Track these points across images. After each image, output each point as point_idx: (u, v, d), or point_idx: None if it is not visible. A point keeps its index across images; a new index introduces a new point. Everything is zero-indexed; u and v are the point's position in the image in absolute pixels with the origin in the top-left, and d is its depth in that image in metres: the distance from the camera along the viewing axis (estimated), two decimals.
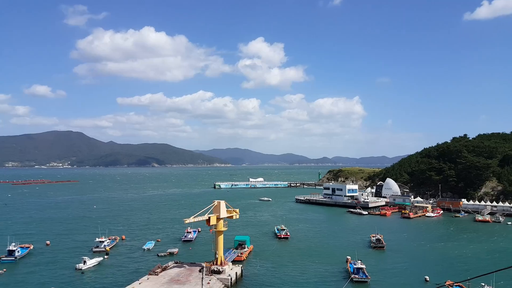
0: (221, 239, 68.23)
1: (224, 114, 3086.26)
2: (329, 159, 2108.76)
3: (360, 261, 68.44)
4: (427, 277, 65.77)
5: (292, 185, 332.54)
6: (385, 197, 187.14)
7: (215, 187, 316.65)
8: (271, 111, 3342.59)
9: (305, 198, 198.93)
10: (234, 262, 72.86)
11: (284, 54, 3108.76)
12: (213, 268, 64.66)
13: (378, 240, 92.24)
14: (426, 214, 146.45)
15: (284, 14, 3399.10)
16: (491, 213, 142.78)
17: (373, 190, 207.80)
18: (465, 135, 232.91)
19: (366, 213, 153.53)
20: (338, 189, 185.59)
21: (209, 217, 66.60)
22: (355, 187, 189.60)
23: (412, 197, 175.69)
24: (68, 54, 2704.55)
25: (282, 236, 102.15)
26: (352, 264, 69.18)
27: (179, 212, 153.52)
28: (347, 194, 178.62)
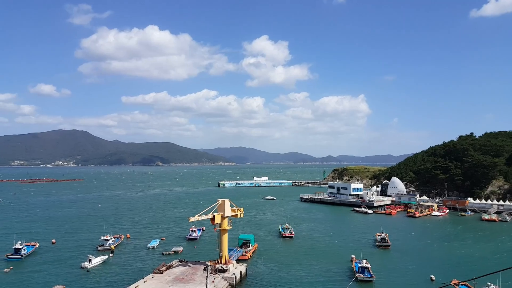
0: (225, 237, 68.17)
1: (228, 113, 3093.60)
2: (334, 157, 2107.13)
3: (365, 260, 68.14)
4: (432, 276, 65.37)
5: (296, 184, 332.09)
6: (390, 196, 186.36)
7: (219, 186, 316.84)
8: (275, 109, 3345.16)
9: (309, 197, 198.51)
10: (238, 261, 72.74)
11: (288, 52, 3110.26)
12: (217, 267, 64.61)
13: (384, 239, 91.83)
14: (432, 213, 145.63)
15: (288, 12, 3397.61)
16: (498, 212, 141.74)
17: (379, 189, 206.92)
18: (471, 133, 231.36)
19: (371, 212, 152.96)
20: (343, 188, 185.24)
21: (214, 216, 66.49)
22: (360, 186, 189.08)
23: (418, 196, 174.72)
24: (73, 53, 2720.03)
25: (286, 235, 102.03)
26: (357, 263, 68.89)
27: (183, 211, 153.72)
28: (352, 193, 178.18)
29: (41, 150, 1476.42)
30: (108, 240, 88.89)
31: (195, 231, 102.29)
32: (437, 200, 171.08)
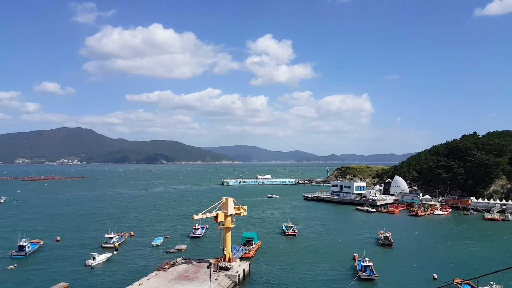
0: (229, 235, 68.52)
1: (232, 111, 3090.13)
2: (337, 156, 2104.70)
3: (368, 259, 68.38)
4: (435, 275, 65.52)
5: (300, 182, 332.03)
6: (393, 194, 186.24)
7: (223, 184, 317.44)
8: (279, 108, 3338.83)
9: (313, 196, 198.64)
10: (242, 259, 73.12)
11: (292, 51, 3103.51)
12: (221, 265, 65.00)
13: (386, 237, 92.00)
14: (435, 212, 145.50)
15: (292, 11, 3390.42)
16: (501, 212, 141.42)
17: (381, 188, 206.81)
18: (474, 132, 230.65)
19: (374, 210, 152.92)
20: (346, 186, 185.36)
21: (217, 214, 66.84)
22: (363, 184, 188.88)
23: (421, 195, 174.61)
24: (77, 52, 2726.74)
25: (289, 233, 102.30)
26: (360, 262, 69.06)
27: (187, 209, 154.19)
28: (355, 192, 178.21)
29: (46, 148, 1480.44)
30: (112, 237, 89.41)
31: (198, 229, 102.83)
32: (439, 199, 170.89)
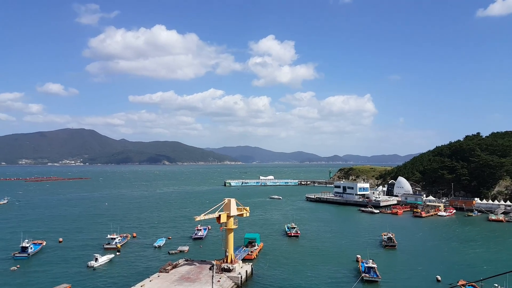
0: (231, 237, 68.20)
1: (234, 112, 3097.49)
2: (340, 157, 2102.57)
3: (372, 260, 67.90)
4: (439, 277, 64.98)
5: (302, 183, 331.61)
6: (396, 195, 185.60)
7: (225, 185, 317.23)
8: (281, 109, 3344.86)
9: (315, 197, 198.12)
10: (244, 260, 72.76)
11: (294, 51, 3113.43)
12: (223, 266, 64.68)
13: (390, 239, 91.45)
14: (439, 213, 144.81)
15: (294, 11, 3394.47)
16: (505, 213, 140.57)
17: (385, 189, 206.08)
18: (478, 133, 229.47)
19: (378, 211, 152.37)
20: (349, 187, 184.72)
21: (220, 215, 66.64)
22: (366, 185, 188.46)
23: (424, 196, 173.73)
24: (81, 53, 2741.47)
25: (292, 235, 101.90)
26: (364, 263, 68.65)
27: (189, 210, 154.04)
28: (358, 193, 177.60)
29: (49, 149, 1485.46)
30: (114, 239, 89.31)
31: (201, 230, 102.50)
32: (443, 200, 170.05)
